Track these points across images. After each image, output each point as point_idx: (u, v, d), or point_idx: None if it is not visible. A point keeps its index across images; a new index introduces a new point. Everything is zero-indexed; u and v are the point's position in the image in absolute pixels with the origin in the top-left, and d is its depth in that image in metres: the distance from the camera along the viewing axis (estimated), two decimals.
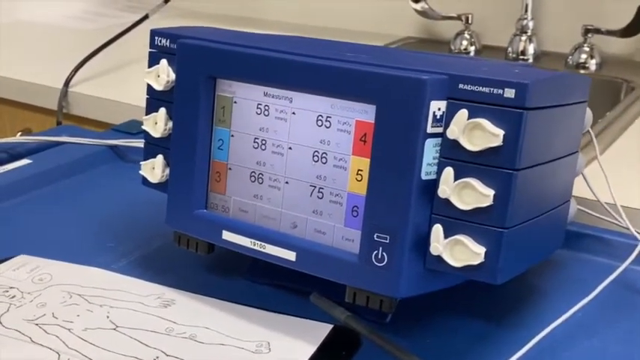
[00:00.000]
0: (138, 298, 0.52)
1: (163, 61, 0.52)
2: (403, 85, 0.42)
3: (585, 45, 1.20)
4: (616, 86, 1.15)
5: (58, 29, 1.55)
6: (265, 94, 0.48)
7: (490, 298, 0.53)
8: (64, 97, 1.13)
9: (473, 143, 0.41)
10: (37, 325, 0.49)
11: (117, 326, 0.49)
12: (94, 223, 0.64)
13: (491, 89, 0.41)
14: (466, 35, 1.32)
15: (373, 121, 0.44)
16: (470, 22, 1.31)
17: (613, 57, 1.23)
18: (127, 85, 1.15)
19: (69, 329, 0.48)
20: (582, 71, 1.19)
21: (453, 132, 0.42)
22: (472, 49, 1.32)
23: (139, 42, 1.17)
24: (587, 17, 1.23)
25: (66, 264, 0.56)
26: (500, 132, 0.41)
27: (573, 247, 0.59)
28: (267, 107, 0.48)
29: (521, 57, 1.25)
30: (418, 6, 1.28)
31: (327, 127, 0.46)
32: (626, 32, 1.13)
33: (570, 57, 1.21)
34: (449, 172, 0.42)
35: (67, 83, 1.14)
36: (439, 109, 0.42)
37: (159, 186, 0.54)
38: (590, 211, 0.60)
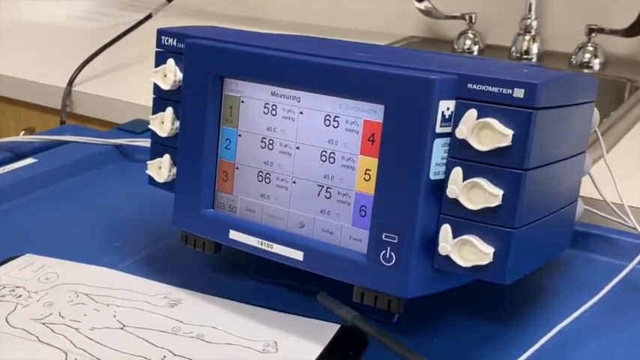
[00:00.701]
0: (145, 297, 0.52)
1: (170, 61, 0.52)
2: (412, 84, 0.42)
3: (589, 44, 1.20)
4: (620, 86, 1.15)
5: (62, 28, 1.55)
6: (273, 94, 0.48)
7: (497, 297, 0.53)
8: (68, 96, 1.14)
9: (482, 143, 0.41)
10: (44, 324, 0.49)
11: (124, 325, 0.49)
12: (100, 222, 0.64)
13: (501, 89, 0.41)
14: (470, 35, 1.32)
15: (381, 121, 0.44)
16: (473, 21, 1.31)
17: (617, 57, 1.23)
18: (131, 84, 1.15)
19: (76, 328, 0.48)
20: (586, 71, 1.19)
21: (462, 132, 0.42)
22: (475, 48, 1.32)
23: (143, 41, 1.16)
24: (591, 17, 1.23)
25: (72, 263, 0.56)
26: (510, 132, 0.41)
27: (580, 246, 0.59)
28: (274, 107, 0.48)
29: (525, 56, 1.25)
30: (422, 5, 1.28)
31: (335, 127, 0.46)
32: (630, 32, 1.13)
33: (574, 56, 1.21)
34: (457, 171, 0.42)
35: (70, 82, 1.14)
36: (448, 108, 0.42)
37: (165, 185, 0.54)
38: (596, 211, 0.60)
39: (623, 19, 1.15)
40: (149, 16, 1.24)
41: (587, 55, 1.20)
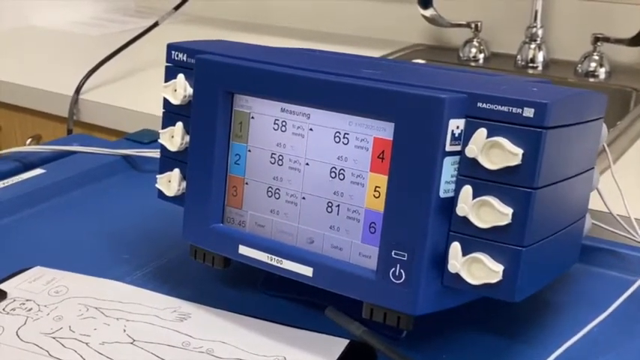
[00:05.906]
0: (154, 311, 0.52)
1: (180, 76, 0.52)
2: (422, 103, 0.42)
3: (595, 53, 1.20)
4: (625, 95, 1.15)
5: (69, 35, 1.55)
6: (282, 110, 0.49)
7: (506, 313, 0.53)
8: (75, 105, 1.14)
9: (491, 162, 0.42)
10: (54, 338, 0.49)
11: (134, 340, 0.49)
12: (109, 234, 0.65)
13: (511, 108, 0.41)
14: (475, 43, 1.32)
15: (391, 139, 0.44)
16: (479, 29, 1.32)
17: (622, 65, 1.23)
18: (138, 92, 1.16)
19: (86, 343, 0.49)
20: (591, 79, 1.19)
21: (472, 150, 0.42)
22: (481, 56, 1.32)
23: (150, 49, 1.17)
24: (597, 25, 1.23)
25: (82, 276, 0.57)
26: (520, 151, 0.41)
27: (588, 261, 0.59)
28: (284, 123, 0.49)
29: (531, 65, 1.26)
30: (427, 13, 1.28)
31: (345, 144, 0.46)
32: (636, 41, 1.13)
33: (580, 65, 1.21)
34: (467, 190, 0.42)
35: (77, 90, 1.14)
36: (458, 127, 0.42)
37: (175, 199, 0.54)
38: (604, 226, 0.60)
39: (629, 28, 1.15)
40: (156, 24, 1.24)
41: (593, 64, 1.20)
